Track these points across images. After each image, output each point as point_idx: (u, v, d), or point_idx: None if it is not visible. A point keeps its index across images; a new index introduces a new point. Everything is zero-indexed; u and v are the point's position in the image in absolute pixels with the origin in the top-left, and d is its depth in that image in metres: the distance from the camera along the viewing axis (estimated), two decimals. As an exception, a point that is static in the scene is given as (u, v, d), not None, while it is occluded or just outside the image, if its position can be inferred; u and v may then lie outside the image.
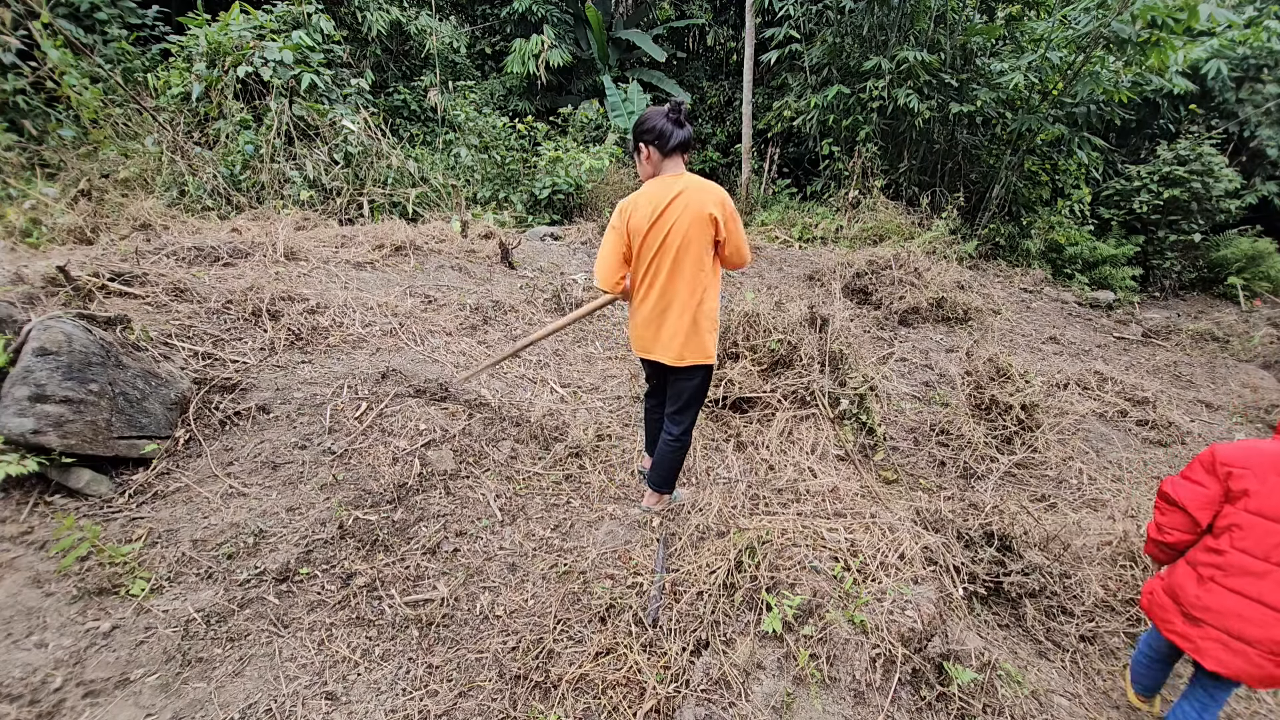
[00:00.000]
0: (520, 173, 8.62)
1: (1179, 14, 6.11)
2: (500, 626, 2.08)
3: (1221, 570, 1.64)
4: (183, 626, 1.93)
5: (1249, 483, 1.60)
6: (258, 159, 6.10)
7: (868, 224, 7.92)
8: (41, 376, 2.25)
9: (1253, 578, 1.59)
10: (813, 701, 1.63)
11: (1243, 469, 1.62)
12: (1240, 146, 9.40)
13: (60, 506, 2.25)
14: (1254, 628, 1.59)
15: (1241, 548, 1.61)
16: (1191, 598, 1.69)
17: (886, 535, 2.06)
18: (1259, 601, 1.58)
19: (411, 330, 3.77)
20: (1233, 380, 5.28)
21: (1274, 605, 1.57)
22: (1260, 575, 1.59)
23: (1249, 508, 1.60)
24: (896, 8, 7.86)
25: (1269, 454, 1.61)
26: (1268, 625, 1.57)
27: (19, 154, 5.83)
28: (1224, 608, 1.63)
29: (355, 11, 8.69)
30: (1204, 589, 1.67)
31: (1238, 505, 1.62)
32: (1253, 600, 1.59)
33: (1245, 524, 1.60)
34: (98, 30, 7.00)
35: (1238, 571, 1.61)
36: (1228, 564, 1.63)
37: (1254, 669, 1.60)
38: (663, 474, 2.58)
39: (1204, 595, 1.66)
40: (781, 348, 3.36)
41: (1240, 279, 8.51)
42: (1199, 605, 1.67)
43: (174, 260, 3.88)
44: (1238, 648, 1.61)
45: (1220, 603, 1.63)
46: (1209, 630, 1.65)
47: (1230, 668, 1.62)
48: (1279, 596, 1.57)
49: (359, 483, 2.55)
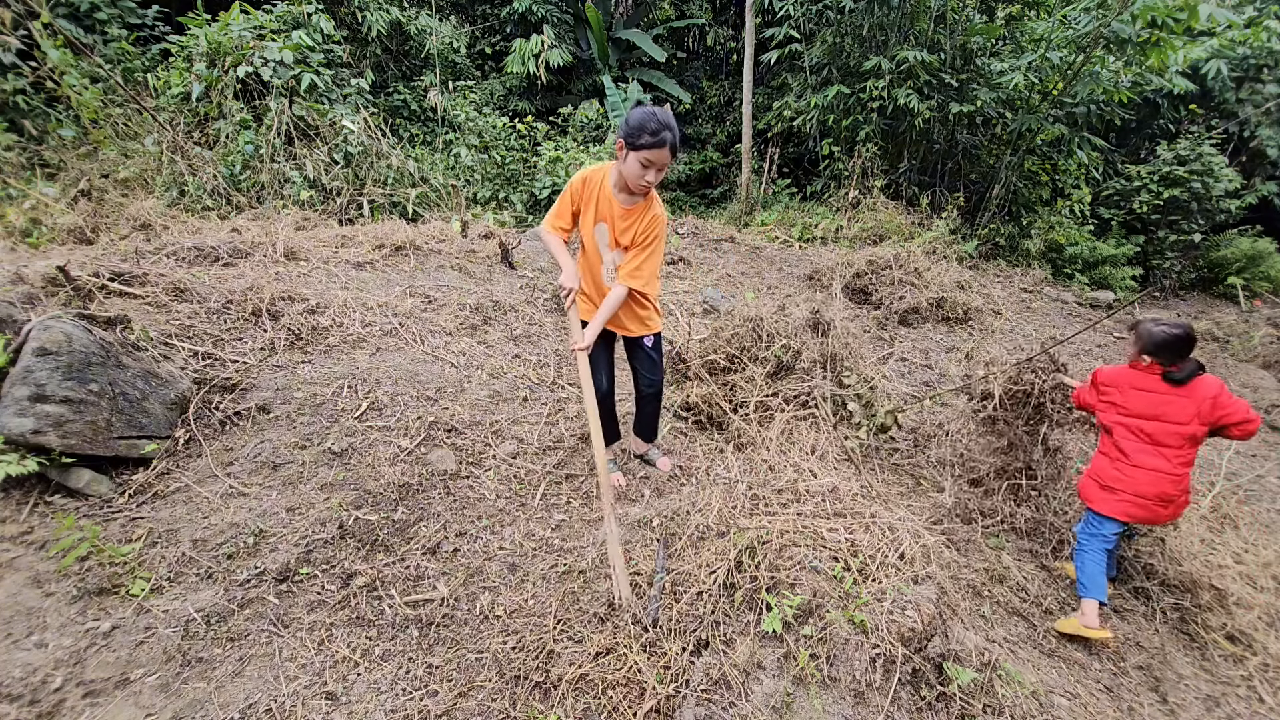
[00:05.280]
0: (520, 173, 8.62)
1: (1179, 14, 6.11)
2: (500, 626, 2.08)
3: (1122, 454, 2.37)
4: (183, 626, 1.93)
5: (1115, 396, 2.39)
6: (258, 159, 6.10)
7: (868, 224, 7.92)
8: (41, 376, 2.25)
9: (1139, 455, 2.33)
10: (813, 701, 1.63)
11: (1112, 386, 2.41)
12: (1240, 146, 9.40)
13: (60, 506, 2.25)
14: (1147, 485, 2.32)
15: (1125, 437, 2.36)
16: (1108, 477, 2.40)
17: (887, 535, 2.06)
18: (1147, 468, 2.31)
19: (411, 330, 3.77)
20: (1233, 380, 5.28)
21: (1156, 469, 2.31)
22: (1141, 452, 2.33)
23: (1121, 411, 2.38)
24: (896, 8, 7.85)
25: (1127, 375, 2.38)
26: (1157, 483, 2.30)
27: (19, 154, 5.83)
28: (1131, 478, 2.34)
29: (355, 11, 8.69)
30: (1115, 467, 2.38)
31: (1112, 411, 2.40)
32: (1145, 469, 2.32)
33: (1123, 421, 2.37)
34: (98, 30, 7.00)
35: (1132, 453, 2.35)
36: (1125, 450, 2.36)
37: (1152, 514, 2.34)
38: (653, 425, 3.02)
39: (1116, 472, 2.38)
40: (785, 354, 3.36)
41: (1240, 279, 8.52)
42: (1113, 479, 2.38)
43: (174, 260, 3.88)
44: (1142, 502, 2.33)
45: (1127, 475, 2.35)
46: (1122, 494, 2.36)
47: (1138, 516, 2.35)
48: (1156, 463, 2.30)
49: (359, 483, 2.55)
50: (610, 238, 2.41)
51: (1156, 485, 2.30)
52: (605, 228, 2.41)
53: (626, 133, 2.15)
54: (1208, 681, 2.27)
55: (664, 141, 2.11)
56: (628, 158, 2.19)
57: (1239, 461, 3.96)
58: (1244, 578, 2.63)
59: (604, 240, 2.43)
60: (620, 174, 2.27)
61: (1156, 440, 2.31)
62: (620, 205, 2.36)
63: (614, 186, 2.35)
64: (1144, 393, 2.32)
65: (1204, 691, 2.21)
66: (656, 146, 2.12)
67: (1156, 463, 2.30)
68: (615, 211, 2.36)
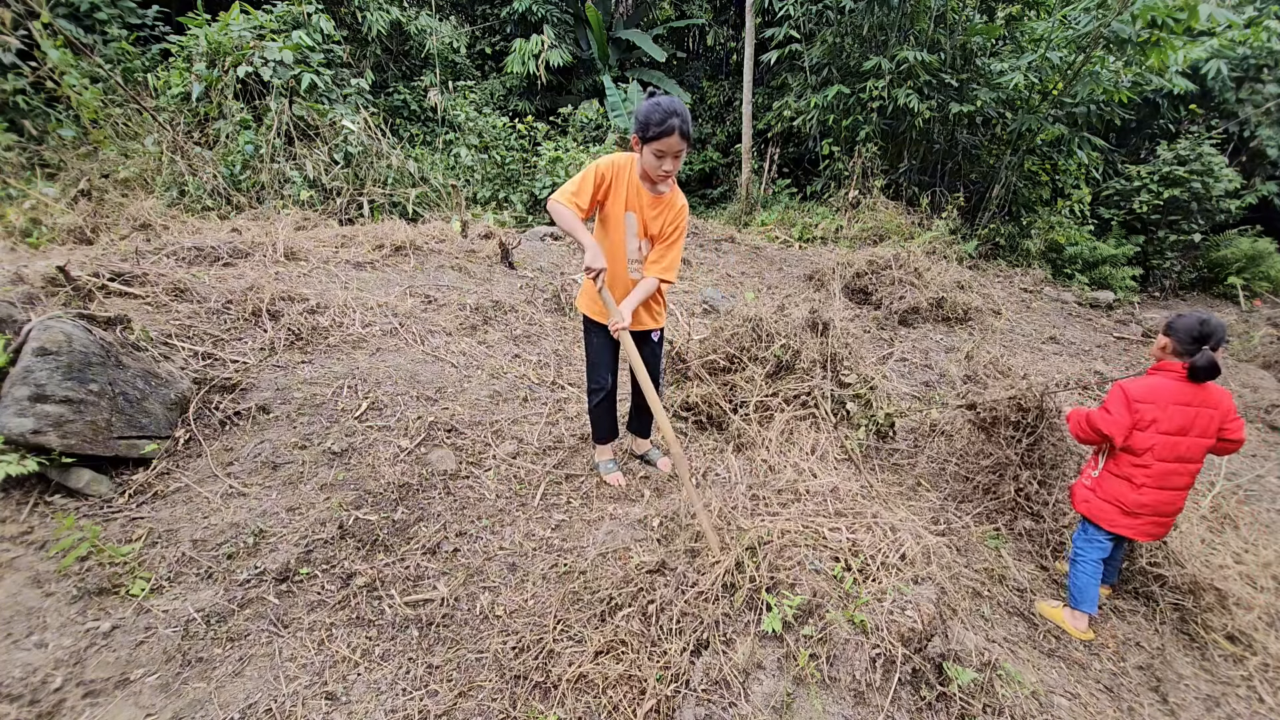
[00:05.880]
0: (520, 173, 8.62)
1: (1179, 14, 6.11)
2: (500, 626, 2.08)
3: (1152, 476, 2.24)
4: (183, 626, 1.93)
5: (1155, 413, 2.20)
6: (258, 159, 6.10)
7: (868, 224, 7.92)
8: (41, 376, 2.25)
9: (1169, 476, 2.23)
10: (813, 701, 1.63)
11: (1149, 403, 2.21)
12: (1240, 146, 9.40)
13: (60, 506, 2.25)
14: (1169, 506, 2.26)
15: (1160, 457, 2.22)
16: (1132, 503, 2.28)
17: (887, 535, 2.06)
18: (1173, 489, 2.24)
19: (411, 330, 3.77)
20: (1233, 380, 5.28)
21: (1179, 488, 2.26)
22: (1172, 473, 2.23)
23: (1160, 429, 2.21)
24: (896, 8, 7.85)
25: (1166, 390, 2.21)
26: (1176, 502, 2.26)
27: (19, 154, 5.83)
28: (1156, 501, 2.25)
29: (355, 11, 8.69)
30: (1141, 493, 2.26)
31: (1150, 430, 2.21)
32: (1171, 489, 2.24)
33: (1158, 440, 2.22)
34: (98, 30, 7.00)
35: (1161, 474, 2.23)
36: (1155, 472, 2.24)
37: (1165, 532, 2.33)
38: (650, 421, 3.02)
39: (1142, 498, 2.26)
40: (785, 354, 3.36)
41: (1240, 279, 8.52)
42: (1138, 504, 2.27)
43: (174, 260, 3.88)
44: (1162, 522, 2.29)
45: (1154, 499, 2.25)
46: (1146, 519, 2.28)
47: (1157, 536, 2.32)
48: (1181, 481, 2.25)
49: (359, 483, 2.55)
50: (640, 226, 2.43)
51: (1174, 503, 2.26)
52: (634, 217, 2.42)
53: (637, 127, 2.20)
54: (1208, 681, 2.27)
55: (672, 129, 2.13)
56: (643, 151, 2.24)
57: (1239, 461, 3.96)
58: (1244, 578, 2.63)
59: (632, 230, 2.44)
60: (643, 167, 2.32)
61: (1184, 457, 2.21)
62: (649, 194, 2.39)
63: (640, 178, 2.38)
64: (1182, 407, 2.19)
65: (1204, 691, 2.21)
66: (666, 135, 2.15)
67: (1182, 481, 2.24)
68: (644, 201, 2.39)
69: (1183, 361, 2.18)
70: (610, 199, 2.41)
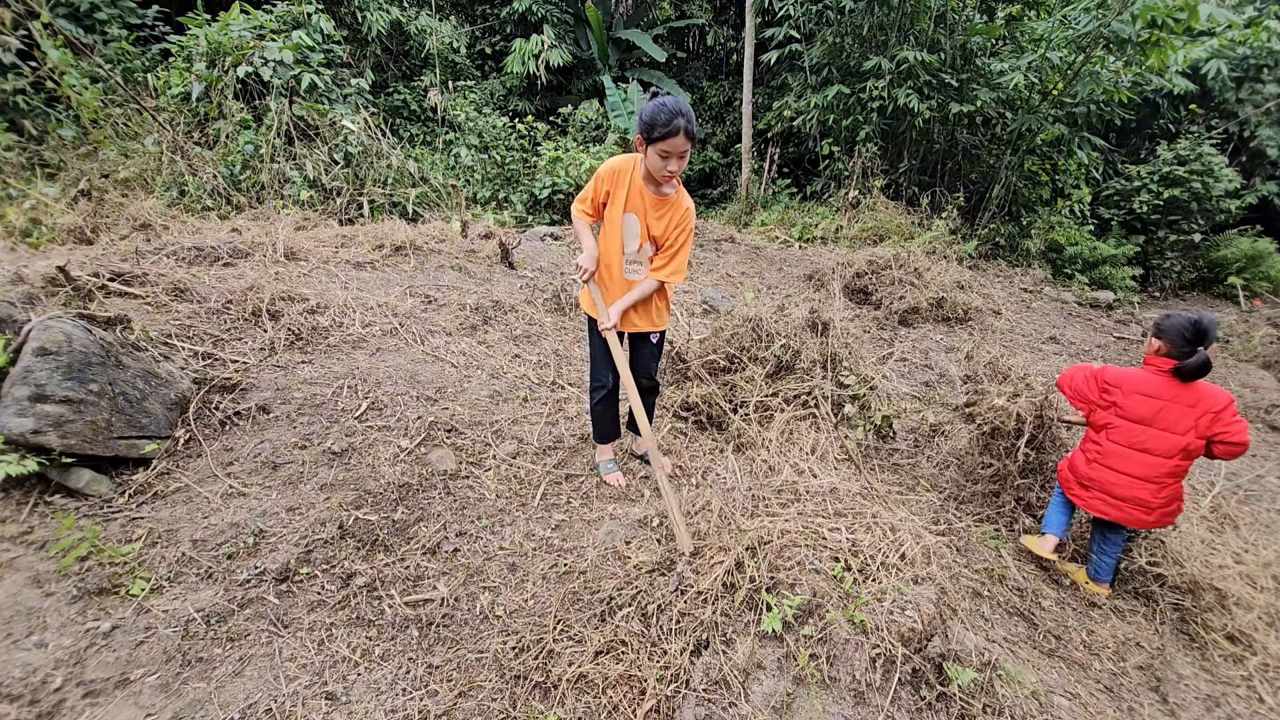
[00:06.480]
0: (520, 173, 8.62)
1: (1179, 14, 6.11)
2: (500, 626, 2.08)
3: (1102, 454, 2.44)
4: (183, 626, 1.93)
5: (1118, 397, 2.39)
6: (258, 159, 6.10)
7: (868, 224, 7.92)
8: (41, 376, 2.25)
9: (1119, 459, 2.40)
10: (813, 701, 1.63)
11: (1116, 388, 2.39)
12: (1240, 146, 9.41)
13: (60, 506, 2.25)
14: (1122, 489, 2.38)
15: (1113, 440, 2.41)
16: (1082, 474, 2.49)
17: (887, 535, 2.06)
18: (1125, 473, 2.38)
19: (411, 330, 3.77)
20: (1233, 380, 5.28)
21: (1135, 475, 2.36)
22: (1124, 457, 2.38)
23: (1119, 414, 2.39)
24: (896, 8, 7.85)
25: (1137, 379, 2.37)
26: (1132, 488, 2.36)
27: (19, 154, 5.83)
28: (1104, 479, 2.42)
29: (355, 11, 8.69)
30: (1091, 468, 2.46)
31: (1110, 411, 2.41)
32: (1121, 473, 2.39)
33: (1117, 424, 2.40)
34: (98, 30, 7.00)
35: (1113, 455, 2.41)
36: (1106, 451, 2.43)
37: (1127, 517, 2.40)
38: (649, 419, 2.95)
39: (1090, 472, 2.46)
40: (785, 354, 3.36)
41: (1240, 279, 8.52)
42: (1087, 477, 2.47)
43: (174, 260, 3.88)
44: (1114, 503, 2.40)
45: (1101, 475, 2.43)
46: (1095, 493, 2.45)
47: (1110, 515, 2.42)
48: (1137, 470, 2.35)
49: (359, 483, 2.55)
50: (641, 229, 2.43)
51: (1131, 490, 2.35)
52: (635, 219, 2.41)
53: (642, 127, 2.19)
54: (1208, 681, 2.27)
55: (677, 129, 2.13)
56: (647, 152, 2.23)
57: (1239, 461, 3.96)
58: (1244, 578, 2.63)
59: (632, 231, 2.44)
60: (647, 167, 2.31)
61: (1147, 448, 2.32)
62: (652, 196, 2.38)
63: (643, 179, 2.37)
64: (1147, 398, 2.32)
65: (1204, 691, 2.21)
66: (671, 135, 2.14)
67: (1138, 469, 2.34)
68: (648, 203, 2.38)
69: (1174, 361, 2.26)
70: (610, 203, 2.43)
